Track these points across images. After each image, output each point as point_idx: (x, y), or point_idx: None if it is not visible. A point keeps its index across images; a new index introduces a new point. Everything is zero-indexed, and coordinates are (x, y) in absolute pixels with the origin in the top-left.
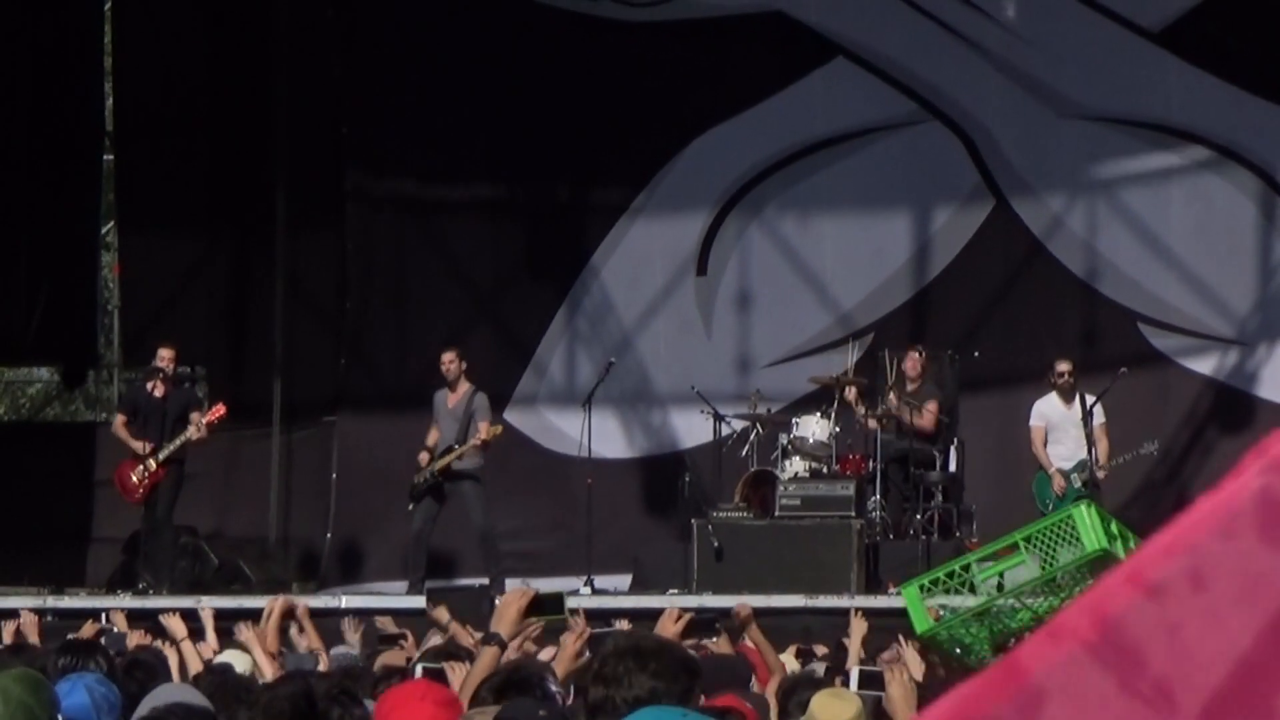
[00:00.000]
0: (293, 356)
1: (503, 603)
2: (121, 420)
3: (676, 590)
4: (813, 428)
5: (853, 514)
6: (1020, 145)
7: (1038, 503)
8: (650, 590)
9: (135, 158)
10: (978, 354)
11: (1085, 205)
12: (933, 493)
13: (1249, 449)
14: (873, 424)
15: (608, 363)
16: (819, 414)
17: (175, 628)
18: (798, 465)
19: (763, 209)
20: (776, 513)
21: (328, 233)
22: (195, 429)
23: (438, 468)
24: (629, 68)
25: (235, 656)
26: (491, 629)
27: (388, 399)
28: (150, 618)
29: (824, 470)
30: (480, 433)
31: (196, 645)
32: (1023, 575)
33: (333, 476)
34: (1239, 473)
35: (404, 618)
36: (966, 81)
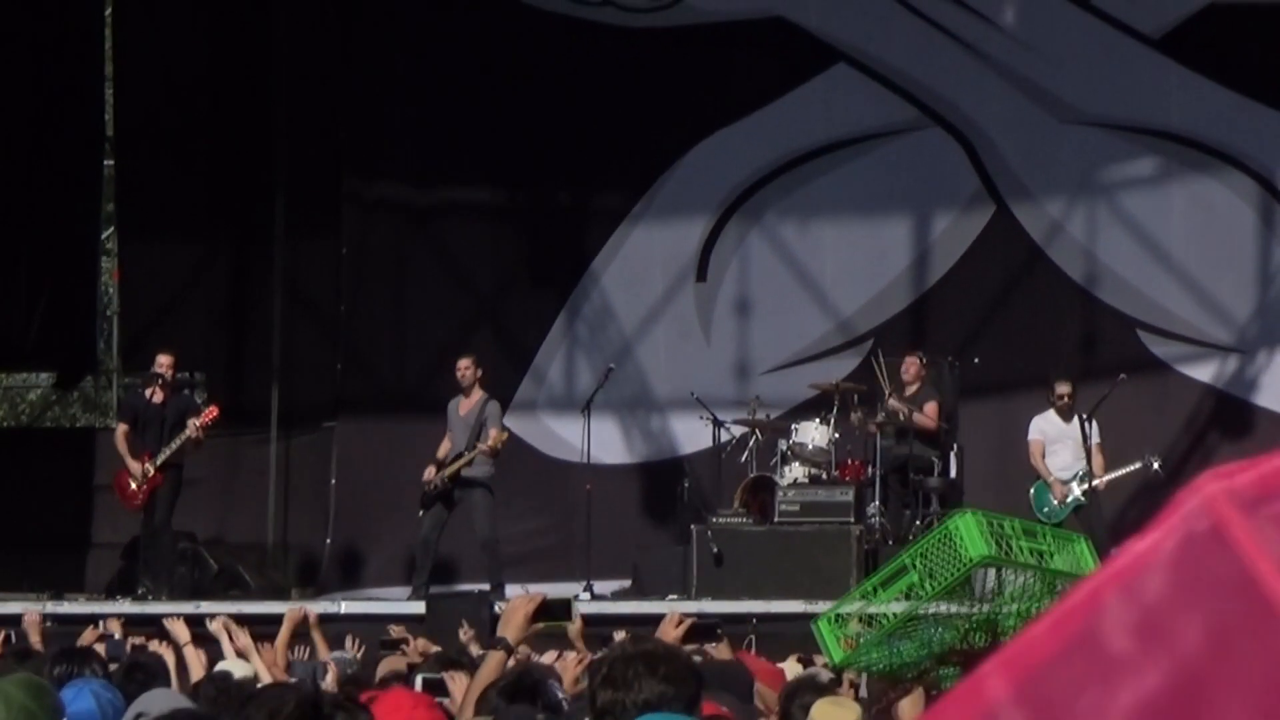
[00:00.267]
0: (292, 362)
1: (510, 608)
2: (124, 430)
3: (676, 596)
4: (812, 434)
5: (852, 520)
6: (1021, 151)
7: (1036, 510)
8: (649, 596)
9: (135, 163)
10: (977, 360)
11: (1085, 211)
12: (932, 498)
13: (1247, 456)
14: (872, 429)
15: (607, 369)
16: (818, 420)
17: (179, 632)
18: (797, 471)
19: (763, 215)
20: (776, 518)
21: (327, 238)
22: (191, 430)
23: (448, 473)
24: (629, 73)
25: (234, 664)
26: (498, 633)
27: (387, 404)
28: (149, 623)
29: (823, 476)
30: (489, 439)
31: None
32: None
33: (332, 482)
34: (1155, 526)
35: (405, 623)
36: (967, 87)
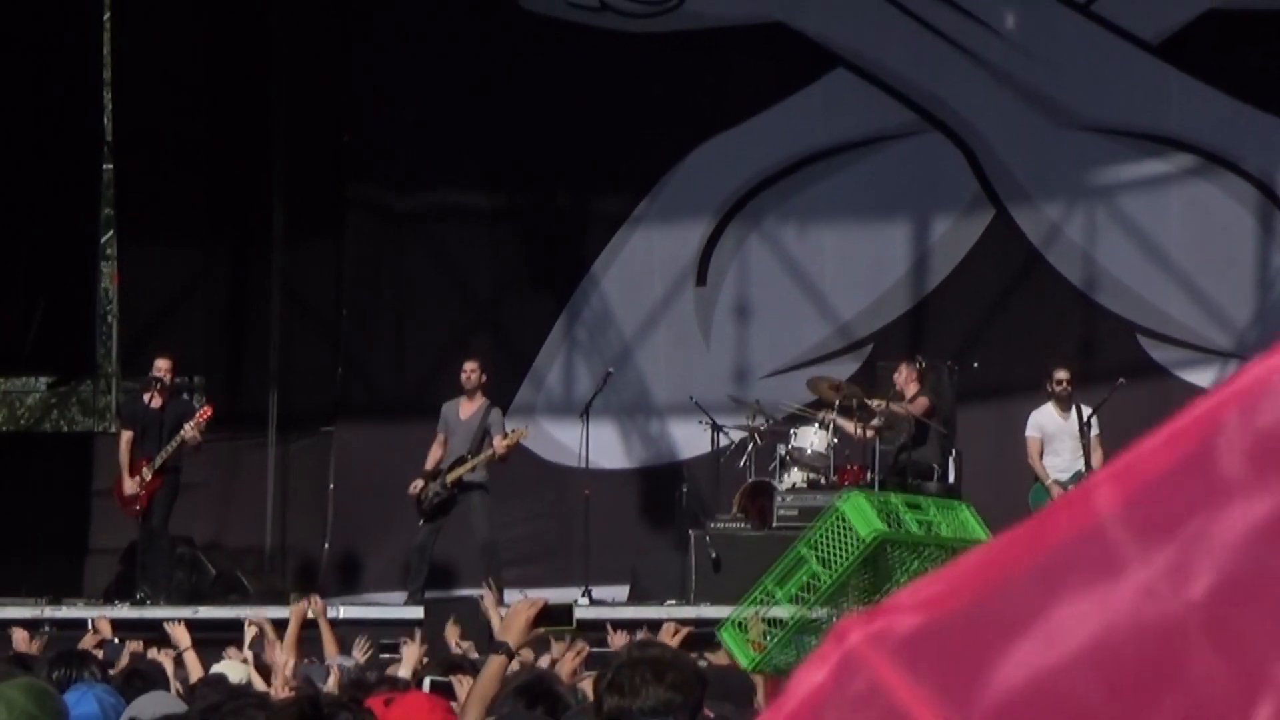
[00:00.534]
0: (290, 366)
1: (511, 612)
2: (128, 438)
3: (674, 601)
4: (811, 438)
5: None
6: (1020, 156)
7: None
8: (648, 601)
9: (134, 167)
10: (976, 365)
11: (1085, 216)
12: None
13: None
14: (870, 434)
15: (606, 373)
16: (817, 425)
17: (180, 637)
18: (796, 476)
19: (762, 219)
20: (774, 523)
21: (326, 242)
22: (187, 433)
23: (450, 479)
24: (629, 78)
25: (230, 667)
26: (498, 638)
27: (386, 409)
28: (148, 628)
29: (822, 481)
30: (506, 437)
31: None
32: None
33: (330, 487)
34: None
35: (402, 628)
36: (966, 92)
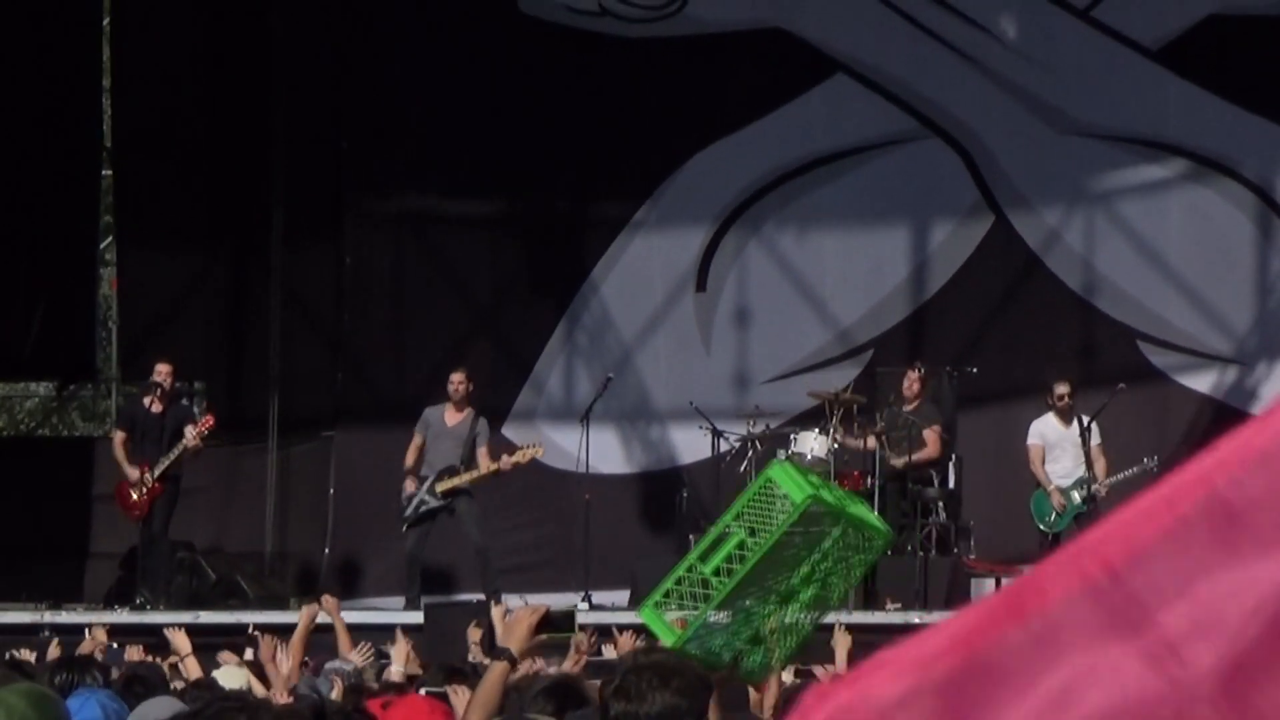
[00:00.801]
0: (290, 371)
1: (513, 619)
2: (121, 438)
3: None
4: (811, 444)
5: None
6: (1019, 161)
7: (1036, 520)
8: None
9: (134, 172)
10: (975, 370)
11: (1084, 221)
12: (931, 509)
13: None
14: (871, 443)
15: (606, 378)
16: (817, 430)
17: (180, 643)
18: None
19: (762, 225)
20: None
21: (326, 247)
22: (188, 440)
23: (441, 489)
24: (629, 83)
25: (228, 673)
26: (500, 644)
27: (386, 414)
28: (147, 633)
29: None
30: (504, 464)
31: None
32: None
33: (330, 491)
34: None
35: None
36: (966, 98)
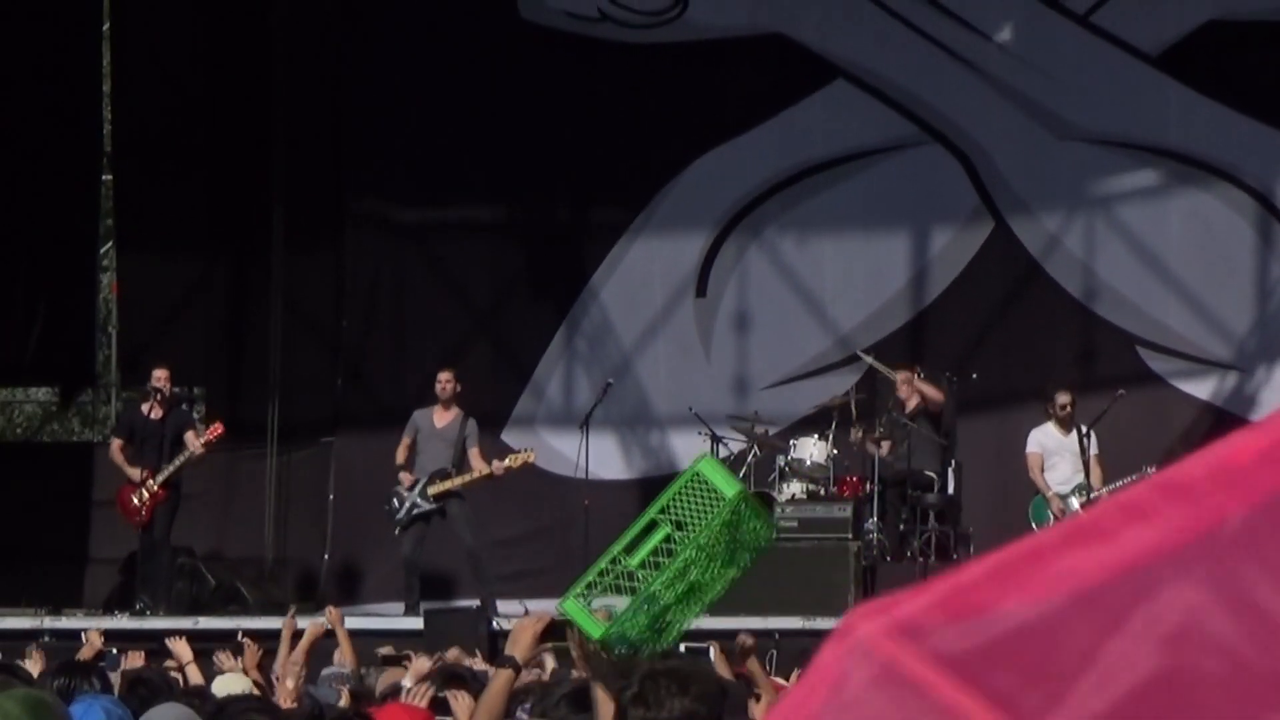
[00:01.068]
0: (290, 377)
1: (518, 627)
2: (119, 444)
3: None
4: (810, 450)
5: (850, 536)
6: (1019, 167)
7: (1034, 526)
8: None
9: (133, 178)
10: (975, 376)
11: (1084, 227)
12: (930, 515)
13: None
14: (871, 448)
15: (606, 384)
16: (816, 436)
17: (181, 651)
18: (795, 487)
19: (762, 231)
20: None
21: (326, 253)
22: (194, 448)
23: (433, 492)
24: (628, 89)
25: (230, 681)
26: (506, 652)
27: (385, 419)
28: (147, 639)
29: (821, 492)
30: (495, 468)
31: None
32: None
33: (330, 497)
34: (804, 681)
35: (402, 639)
36: (966, 104)
